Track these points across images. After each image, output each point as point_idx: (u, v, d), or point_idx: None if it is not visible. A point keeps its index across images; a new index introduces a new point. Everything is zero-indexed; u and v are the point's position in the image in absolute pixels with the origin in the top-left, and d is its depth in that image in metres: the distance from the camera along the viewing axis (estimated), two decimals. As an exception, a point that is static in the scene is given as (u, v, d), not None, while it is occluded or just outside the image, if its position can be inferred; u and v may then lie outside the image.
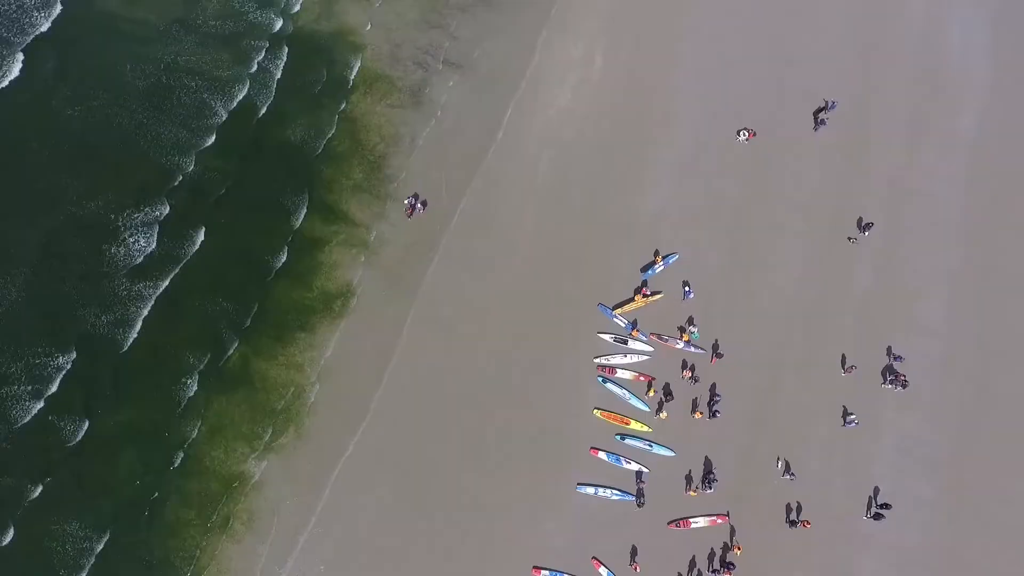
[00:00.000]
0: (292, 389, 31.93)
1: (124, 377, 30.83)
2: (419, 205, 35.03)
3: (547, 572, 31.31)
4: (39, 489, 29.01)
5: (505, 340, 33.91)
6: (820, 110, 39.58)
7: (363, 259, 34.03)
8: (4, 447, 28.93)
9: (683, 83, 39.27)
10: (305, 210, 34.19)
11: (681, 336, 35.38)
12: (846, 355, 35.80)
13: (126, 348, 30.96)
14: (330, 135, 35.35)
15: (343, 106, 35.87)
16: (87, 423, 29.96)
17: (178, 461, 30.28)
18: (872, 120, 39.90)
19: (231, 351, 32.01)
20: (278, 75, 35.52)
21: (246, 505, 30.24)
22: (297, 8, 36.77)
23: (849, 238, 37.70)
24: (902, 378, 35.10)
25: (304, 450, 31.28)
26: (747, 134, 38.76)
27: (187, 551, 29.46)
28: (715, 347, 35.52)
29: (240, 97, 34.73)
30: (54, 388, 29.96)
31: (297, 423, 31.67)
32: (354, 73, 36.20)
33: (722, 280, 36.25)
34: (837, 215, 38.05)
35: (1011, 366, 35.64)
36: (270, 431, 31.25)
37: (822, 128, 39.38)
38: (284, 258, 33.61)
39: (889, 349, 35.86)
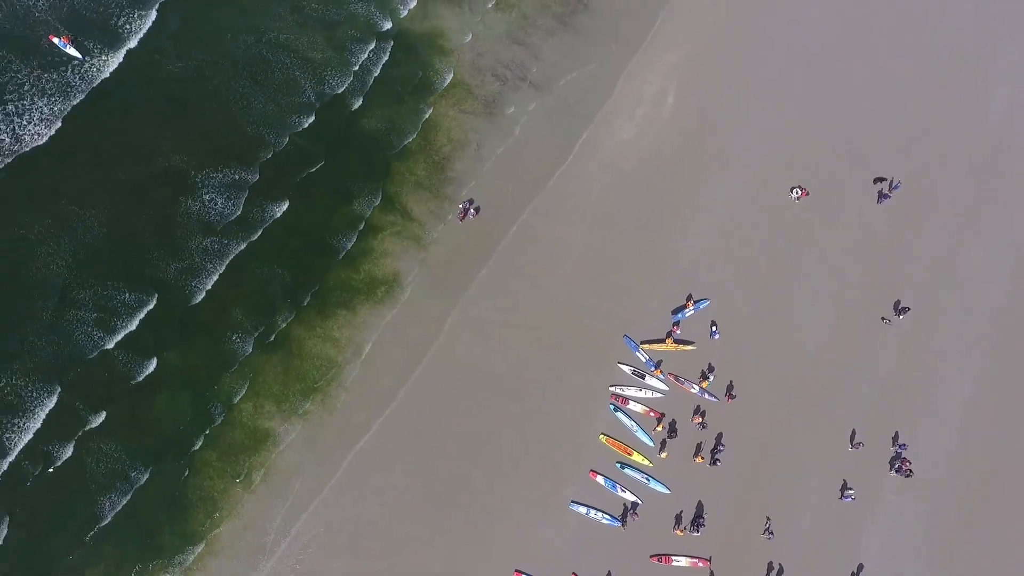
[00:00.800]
0: (331, 366, 34.09)
1: (190, 329, 33.39)
2: (472, 210, 36.75)
3: (527, 577, 33.05)
4: (101, 418, 31.78)
5: (532, 353, 35.47)
6: (883, 186, 39.90)
7: (413, 253, 35.89)
8: (79, 370, 31.74)
9: (747, 134, 40.01)
10: (378, 201, 36.18)
11: (700, 382, 36.43)
12: (856, 430, 36.40)
13: (196, 301, 33.49)
14: (412, 136, 37.30)
15: (425, 108, 37.68)
16: (153, 364, 32.63)
17: (221, 414, 32.74)
18: (929, 206, 40.09)
19: (285, 322, 34.22)
20: (376, 72, 37.48)
21: (270, 463, 32.60)
22: (404, 14, 38.73)
23: (883, 318, 38.09)
24: (907, 467, 35.55)
25: (331, 424, 33.44)
26: (800, 192, 39.36)
27: (209, 496, 31.97)
28: (729, 387, 36.45)
29: (341, 88, 36.80)
30: (133, 327, 32.72)
31: (329, 398, 33.80)
32: (445, 81, 38.07)
33: (749, 330, 37.15)
34: (874, 291, 38.50)
35: (1020, 468, 35.84)
36: (305, 401, 33.49)
37: (884, 202, 39.74)
38: (351, 243, 35.62)
39: (896, 436, 36.34)
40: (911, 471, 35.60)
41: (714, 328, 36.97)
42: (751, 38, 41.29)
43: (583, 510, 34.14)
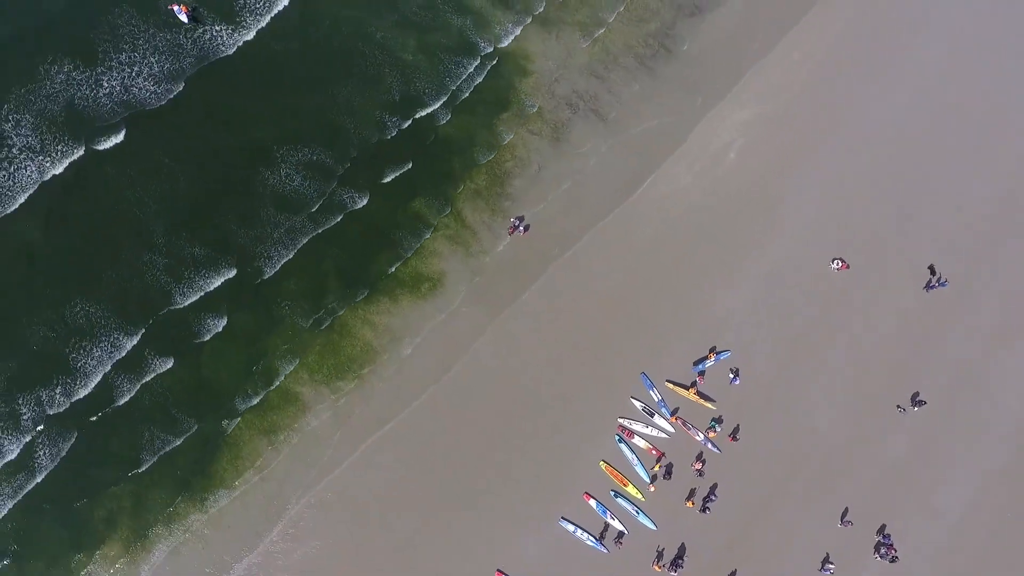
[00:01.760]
0: (371, 353, 36.44)
1: (258, 301, 36.07)
2: (522, 228, 38.61)
3: (507, 579, 35.29)
4: (168, 365, 34.82)
5: (553, 373, 37.26)
6: (933, 278, 40.26)
7: (460, 257, 37.90)
8: (162, 317, 34.77)
9: (800, 199, 40.63)
10: (448, 211, 38.22)
11: (706, 431, 37.77)
12: (849, 508, 37.30)
13: (266, 277, 36.05)
14: (491, 156, 39.08)
15: (507, 132, 39.37)
16: (223, 324, 35.44)
17: (270, 382, 35.46)
18: (971, 308, 40.24)
19: (341, 309, 36.56)
20: (466, 94, 39.26)
21: (299, 432, 35.33)
22: (505, 43, 40.17)
23: (898, 406, 38.68)
24: (893, 552, 36.35)
25: (361, 408, 35.80)
26: (840, 264, 39.94)
27: (241, 453, 34.82)
28: (736, 430, 37.79)
29: (437, 103, 38.69)
30: (212, 288, 35.50)
31: (366, 386, 36.08)
32: (532, 108, 39.62)
33: (765, 390, 38.27)
34: (896, 378, 39.07)
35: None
36: (345, 385, 35.96)
37: (928, 291, 40.08)
38: (412, 250, 37.65)
39: (882, 528, 37.08)
40: (896, 557, 36.41)
41: (734, 375, 38.16)
42: (827, 108, 41.63)
43: (571, 528, 36.07)
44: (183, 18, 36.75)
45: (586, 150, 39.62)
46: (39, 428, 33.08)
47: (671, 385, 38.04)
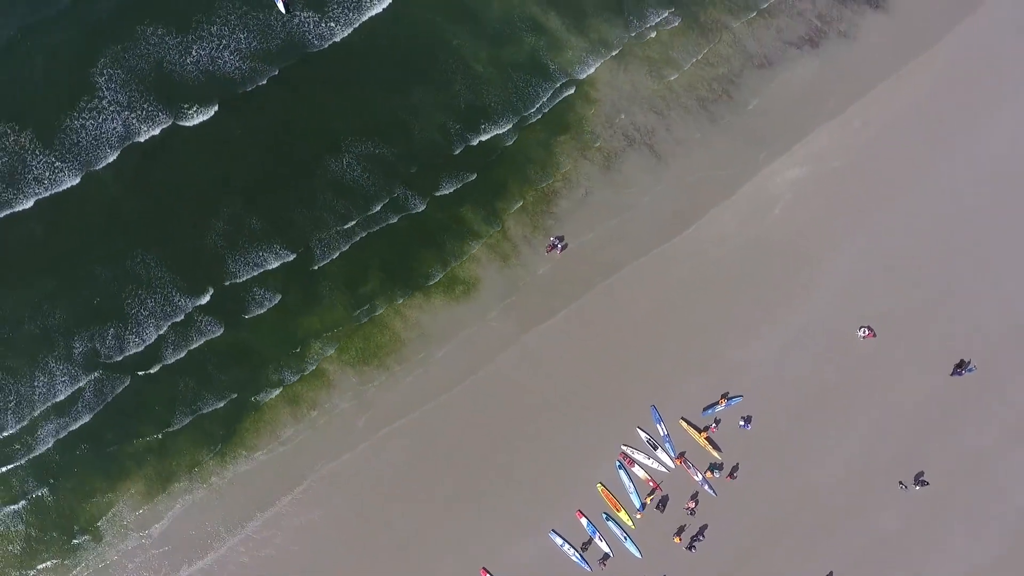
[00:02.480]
0: (405, 350, 38.08)
1: (308, 285, 37.92)
2: (560, 247, 39.83)
3: (490, 578, 36.93)
4: (219, 332, 36.89)
5: (567, 392, 38.50)
6: (959, 366, 40.30)
7: (497, 267, 39.28)
8: (223, 288, 36.95)
9: (838, 263, 40.95)
10: (498, 228, 39.55)
11: (705, 472, 38.72)
12: (833, 573, 37.93)
13: (319, 265, 37.93)
14: (550, 181, 40.20)
15: (568, 161, 40.44)
16: (275, 301, 37.44)
17: (308, 364, 37.36)
18: (992, 402, 40.23)
19: (384, 306, 38.20)
20: (536, 118, 40.52)
21: (325, 410, 37.10)
22: (583, 76, 41.10)
23: (900, 482, 39.04)
24: (869, 622, 36.97)
25: (384, 398, 37.47)
26: (867, 333, 40.26)
27: (268, 423, 36.88)
28: (735, 468, 38.71)
29: (509, 124, 40.04)
30: (271, 267, 37.55)
31: (392, 377, 37.68)
32: (595, 141, 40.60)
33: (770, 443, 39.05)
34: (903, 454, 39.44)
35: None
36: (373, 374, 37.73)
37: (954, 376, 40.27)
38: (459, 261, 39.04)
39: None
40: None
41: (745, 422, 38.96)
42: (881, 179, 41.75)
43: (559, 541, 37.50)
44: (280, 5, 38.69)
45: (636, 184, 40.48)
46: (91, 376, 35.67)
47: (684, 424, 39.01)
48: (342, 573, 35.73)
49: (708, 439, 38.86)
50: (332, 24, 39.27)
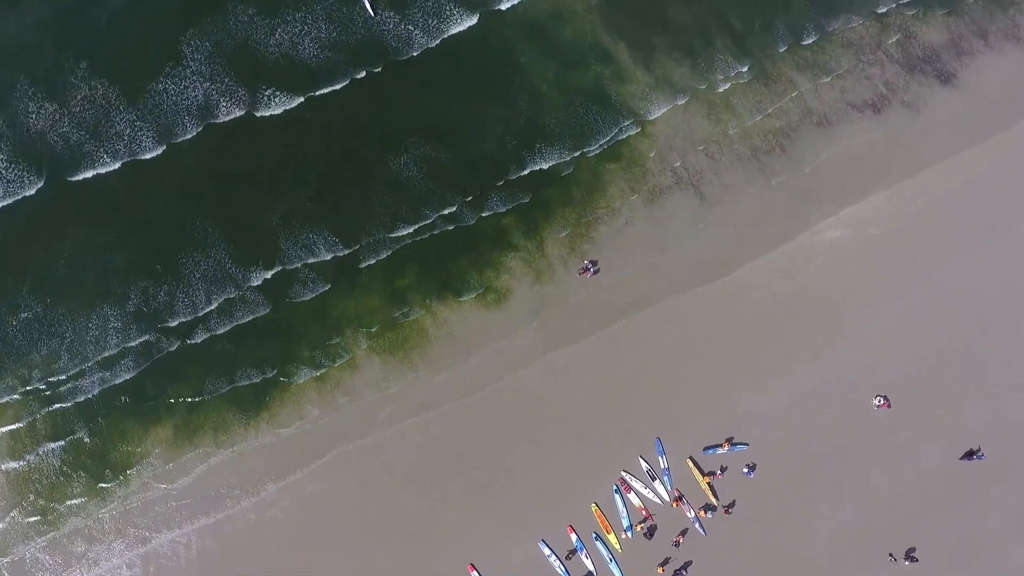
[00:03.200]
0: (432, 349, 39.95)
1: (351, 281, 39.87)
2: (592, 271, 41.00)
3: (476, 575, 38.44)
4: (266, 310, 39.04)
5: (578, 412, 39.72)
6: (970, 452, 40.46)
7: (530, 282, 40.66)
8: (279, 271, 39.32)
9: (863, 329, 41.30)
10: (540, 254, 40.83)
11: (698, 510, 39.69)
12: (809, 630, 38.63)
13: (363, 267, 39.86)
14: (595, 211, 41.37)
15: (608, 179, 41.62)
16: (323, 289, 39.48)
17: (343, 358, 39.25)
18: (998, 489, 40.19)
19: (420, 310, 39.97)
20: (596, 152, 41.93)
21: (352, 396, 38.97)
22: (651, 117, 42.18)
23: (890, 555, 39.40)
24: None
25: (411, 394, 39.27)
26: (883, 402, 40.59)
27: (295, 397, 39.03)
28: (731, 504, 39.67)
29: (574, 154, 41.42)
30: (324, 258, 39.48)
31: (420, 378, 39.40)
32: (655, 182, 41.65)
33: (767, 495, 39.74)
34: (898, 528, 39.70)
35: None
36: (404, 375, 39.49)
37: (964, 460, 40.47)
38: (496, 277, 40.55)
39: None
40: None
41: (749, 469, 39.80)
42: (922, 253, 41.90)
43: (547, 551, 38.93)
44: (367, 6, 40.36)
45: (677, 222, 41.34)
46: (143, 336, 38.12)
47: (691, 464, 40.01)
48: (339, 543, 37.71)
49: (710, 484, 39.78)
50: (418, 34, 40.80)
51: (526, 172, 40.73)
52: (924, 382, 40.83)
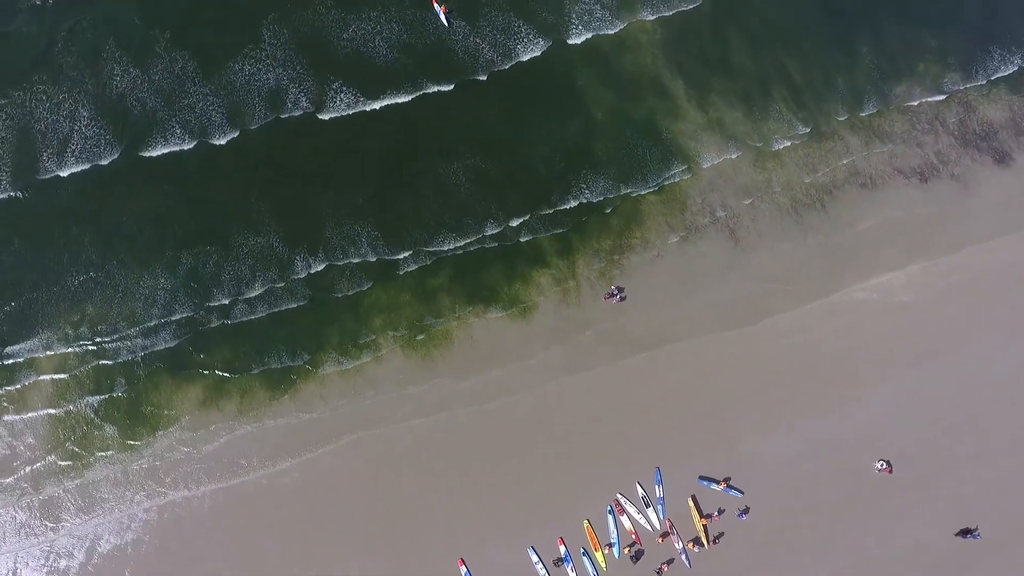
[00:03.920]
0: (465, 367, 41.47)
1: (395, 285, 41.67)
2: (618, 297, 42.08)
3: (464, 569, 40.12)
4: (303, 302, 41.02)
5: (586, 431, 40.99)
6: (966, 531, 40.77)
7: (557, 299, 41.92)
8: (329, 266, 41.32)
9: (877, 393, 41.70)
10: (572, 283, 42.15)
11: (686, 542, 40.75)
12: (776, 678, 39.47)
13: (402, 273, 41.61)
14: (629, 235, 42.53)
15: (647, 211, 42.68)
16: (365, 287, 41.38)
17: (372, 356, 41.10)
18: (990, 570, 40.30)
19: (455, 317, 41.46)
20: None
21: (376, 390, 40.72)
22: (707, 165, 43.16)
23: (869, 616, 39.95)
24: None
25: (431, 396, 40.79)
26: (884, 467, 41.04)
27: (320, 382, 40.87)
28: (719, 536, 40.65)
29: (626, 192, 42.74)
30: (369, 259, 41.42)
31: (443, 383, 40.92)
32: (699, 223, 42.54)
33: (756, 540, 40.56)
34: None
35: None
36: (428, 378, 41.12)
37: (961, 538, 40.77)
38: (536, 299, 41.94)
39: None
40: None
41: (742, 512, 40.66)
42: (948, 326, 41.99)
43: (535, 558, 40.40)
44: (443, 19, 41.76)
45: (708, 262, 42.06)
46: (189, 311, 40.49)
47: (691, 503, 41.00)
48: (341, 517, 39.57)
49: (705, 526, 40.76)
50: (487, 49, 42.14)
51: (575, 204, 41.89)
52: (928, 454, 41.08)
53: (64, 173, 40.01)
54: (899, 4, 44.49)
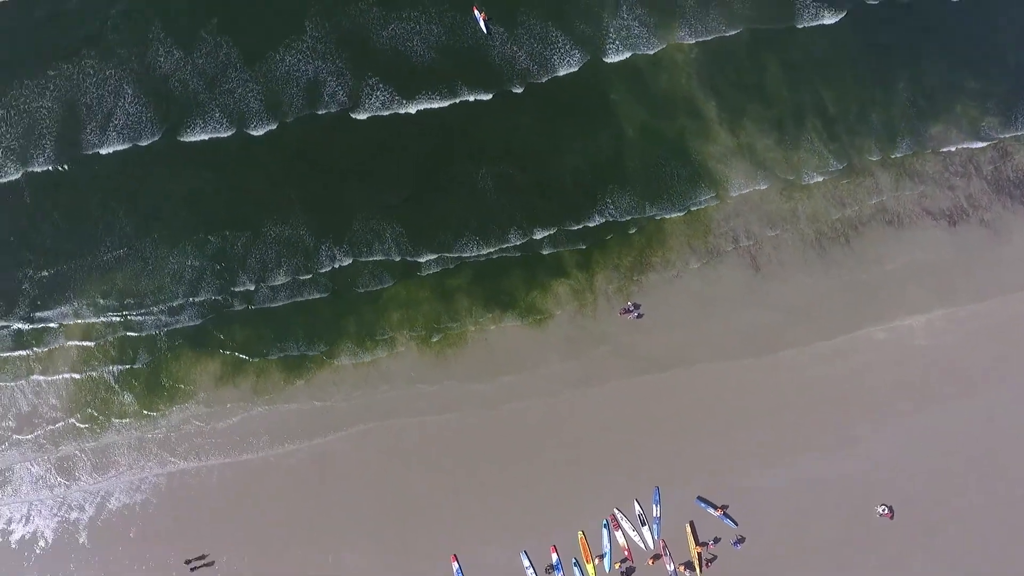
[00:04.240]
0: (480, 372, 42.02)
1: (410, 282, 42.39)
2: (634, 314, 42.30)
3: (457, 566, 40.83)
4: (324, 294, 41.77)
5: (591, 443, 41.26)
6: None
7: (573, 311, 42.19)
8: (353, 261, 42.26)
9: (886, 437, 41.28)
10: (590, 301, 42.44)
11: (678, 565, 40.96)
12: None
13: (423, 274, 42.32)
14: (667, 259, 42.67)
15: (670, 230, 42.92)
16: (387, 284, 42.12)
17: (388, 353, 41.87)
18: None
19: (474, 323, 42.03)
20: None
21: (391, 384, 41.56)
22: (736, 194, 43.06)
23: (855, 656, 39.82)
24: None
25: (443, 397, 41.44)
26: (886, 511, 40.76)
27: (335, 371, 41.85)
28: (712, 558, 40.74)
29: (653, 213, 42.93)
30: (394, 259, 42.18)
31: (457, 385, 41.41)
32: (724, 249, 42.59)
33: (745, 571, 40.49)
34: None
35: None
36: (441, 379, 41.73)
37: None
38: (554, 311, 42.35)
39: None
40: None
41: (737, 541, 40.74)
42: (963, 377, 41.52)
43: (527, 563, 40.96)
44: (482, 25, 42.20)
45: (726, 287, 41.99)
46: (215, 294, 41.64)
47: (688, 529, 41.19)
48: (344, 504, 40.47)
49: (700, 554, 40.89)
50: (523, 58, 42.50)
51: (600, 222, 42.17)
52: (934, 504, 40.64)
53: (105, 151, 41.33)
54: (942, 43, 43.80)
